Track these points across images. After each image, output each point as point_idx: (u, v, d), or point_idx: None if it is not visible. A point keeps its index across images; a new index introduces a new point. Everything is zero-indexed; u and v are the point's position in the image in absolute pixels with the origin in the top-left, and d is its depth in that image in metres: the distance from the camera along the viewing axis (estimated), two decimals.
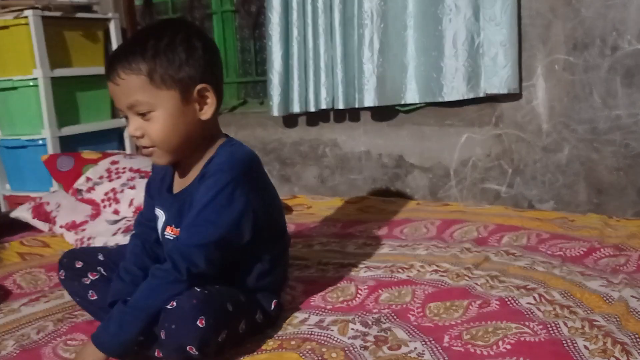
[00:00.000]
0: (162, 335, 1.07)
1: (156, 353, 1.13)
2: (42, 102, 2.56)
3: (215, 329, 1.07)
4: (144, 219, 1.32)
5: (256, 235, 1.20)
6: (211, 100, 1.17)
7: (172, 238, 1.22)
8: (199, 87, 1.15)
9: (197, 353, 1.05)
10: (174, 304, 1.06)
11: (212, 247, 1.13)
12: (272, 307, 1.25)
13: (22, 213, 2.16)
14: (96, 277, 1.28)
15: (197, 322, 1.04)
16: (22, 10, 2.52)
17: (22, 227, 2.16)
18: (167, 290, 1.09)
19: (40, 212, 2.12)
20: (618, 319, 1.14)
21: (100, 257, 1.31)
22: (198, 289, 1.09)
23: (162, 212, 1.26)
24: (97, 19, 2.84)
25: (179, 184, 1.25)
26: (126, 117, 1.17)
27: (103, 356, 1.08)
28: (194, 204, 1.16)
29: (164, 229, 1.25)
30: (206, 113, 1.17)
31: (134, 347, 1.11)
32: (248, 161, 1.20)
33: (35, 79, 2.55)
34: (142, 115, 1.13)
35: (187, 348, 1.05)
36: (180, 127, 1.15)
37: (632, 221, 1.81)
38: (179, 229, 1.20)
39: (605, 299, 1.25)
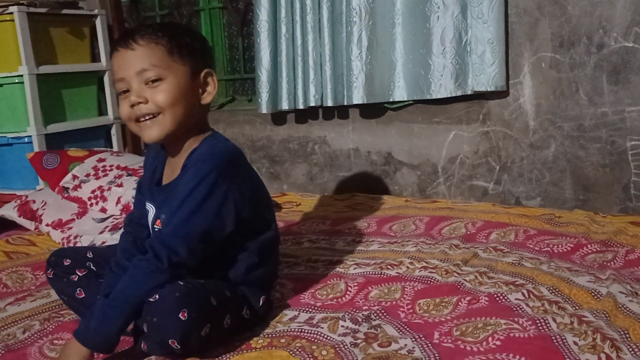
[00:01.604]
0: (145, 329, 1.06)
1: (142, 346, 1.12)
2: (28, 100, 2.54)
3: (198, 322, 1.06)
4: (135, 217, 1.33)
5: (240, 227, 1.20)
6: (212, 87, 1.23)
7: None
8: (206, 71, 1.21)
9: (179, 347, 1.05)
10: (157, 296, 1.05)
11: (193, 236, 1.13)
12: (260, 303, 1.25)
13: (8, 211, 2.14)
14: (84, 273, 1.28)
15: (179, 315, 1.03)
16: (7, 6, 2.49)
17: (8, 225, 2.15)
18: (148, 280, 1.09)
19: (26, 211, 2.10)
20: (607, 315, 1.15)
21: (89, 255, 1.30)
22: (181, 283, 1.09)
23: (151, 206, 1.27)
24: (83, 15, 2.82)
25: (167, 177, 1.26)
26: (122, 93, 1.17)
27: (87, 352, 1.06)
28: (176, 195, 1.16)
29: (153, 222, 1.25)
30: (206, 98, 1.23)
31: (118, 341, 1.09)
32: (229, 153, 1.21)
33: (21, 76, 2.52)
34: (151, 82, 1.15)
35: (169, 341, 1.04)
36: (185, 100, 1.18)
37: (618, 217, 1.82)
38: None
39: (593, 294, 1.26)
